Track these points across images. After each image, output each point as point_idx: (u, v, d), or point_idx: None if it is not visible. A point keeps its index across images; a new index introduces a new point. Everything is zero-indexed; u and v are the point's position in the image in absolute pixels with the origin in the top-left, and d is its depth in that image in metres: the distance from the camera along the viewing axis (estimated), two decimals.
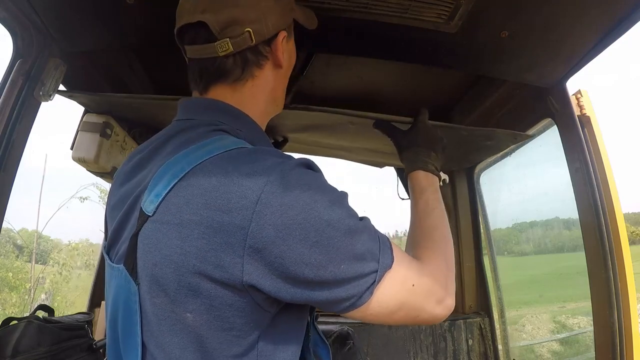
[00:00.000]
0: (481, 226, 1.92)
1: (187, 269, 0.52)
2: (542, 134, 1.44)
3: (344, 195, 0.61)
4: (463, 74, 1.58)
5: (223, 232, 0.51)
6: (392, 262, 0.60)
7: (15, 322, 0.90)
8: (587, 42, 1.07)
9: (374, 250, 0.59)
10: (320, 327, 1.64)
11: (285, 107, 1.09)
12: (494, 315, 1.84)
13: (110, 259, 0.64)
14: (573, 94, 1.24)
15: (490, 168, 1.86)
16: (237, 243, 0.51)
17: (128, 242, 0.57)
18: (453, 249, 0.76)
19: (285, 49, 0.73)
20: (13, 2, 0.92)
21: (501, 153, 1.72)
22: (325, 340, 0.74)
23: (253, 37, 0.66)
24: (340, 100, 1.75)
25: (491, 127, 1.67)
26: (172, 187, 0.54)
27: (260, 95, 0.71)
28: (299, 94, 1.65)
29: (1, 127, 0.95)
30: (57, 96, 1.08)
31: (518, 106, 1.47)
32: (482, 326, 1.81)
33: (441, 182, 0.93)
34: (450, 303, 0.66)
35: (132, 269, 0.57)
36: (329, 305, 0.58)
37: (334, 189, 0.60)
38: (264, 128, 0.76)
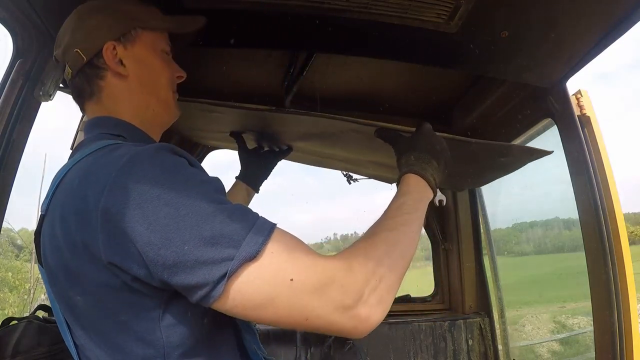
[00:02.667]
0: (481, 226, 1.92)
1: (69, 255, 0.59)
2: (542, 134, 1.44)
3: (206, 178, 0.60)
4: (463, 74, 1.58)
5: (84, 216, 0.57)
6: (259, 251, 0.53)
7: (15, 322, 0.90)
8: (587, 42, 1.07)
9: (234, 235, 0.53)
10: None
11: (286, 111, 1.09)
12: (494, 315, 1.85)
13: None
14: (573, 94, 1.24)
15: None
16: (94, 224, 0.55)
17: (34, 241, 0.69)
18: (405, 261, 0.64)
19: (127, 56, 0.77)
20: (13, 2, 0.92)
21: None
22: (251, 325, 0.72)
23: (82, 54, 0.74)
24: (340, 101, 1.76)
25: (491, 126, 1.67)
26: (56, 187, 0.64)
27: (121, 102, 0.77)
28: (299, 94, 1.65)
29: (1, 127, 0.95)
30: (57, 96, 1.08)
31: (518, 106, 1.47)
32: (482, 326, 1.81)
33: (437, 202, 0.82)
34: (364, 314, 0.56)
35: (40, 260, 0.67)
36: (185, 291, 0.55)
37: (192, 172, 0.59)
38: (155, 132, 0.82)
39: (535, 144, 1.53)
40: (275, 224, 0.58)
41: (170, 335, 0.60)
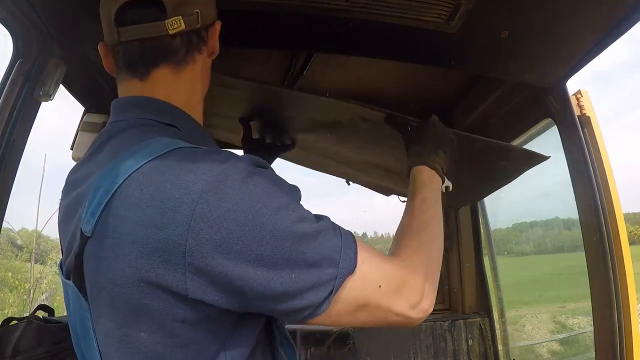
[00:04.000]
0: (481, 226, 1.92)
1: (132, 291, 0.50)
2: (542, 134, 1.44)
3: (293, 195, 0.57)
4: (463, 74, 1.58)
5: (161, 249, 0.49)
6: (355, 265, 0.56)
7: (15, 322, 0.90)
8: (587, 42, 1.07)
9: (333, 254, 0.55)
10: (320, 327, 1.65)
11: (297, 92, 1.07)
12: (494, 316, 1.85)
13: (63, 273, 0.62)
14: (573, 94, 1.24)
15: None
16: (177, 260, 0.49)
17: (74, 261, 0.56)
18: (441, 252, 0.72)
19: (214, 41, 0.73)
20: (13, 2, 0.92)
21: None
22: (290, 340, 0.70)
23: (199, 19, 0.66)
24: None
25: (491, 126, 1.67)
26: (106, 204, 0.52)
27: (197, 83, 0.71)
28: None
29: (1, 127, 0.95)
30: (57, 96, 1.08)
31: (518, 106, 1.47)
32: (482, 326, 1.81)
33: (444, 188, 0.88)
34: (426, 307, 0.63)
35: (81, 287, 0.56)
36: (287, 315, 0.55)
37: (282, 190, 0.55)
38: (201, 123, 0.73)
39: (535, 143, 1.53)
40: (352, 233, 0.60)
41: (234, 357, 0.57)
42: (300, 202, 0.57)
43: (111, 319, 0.53)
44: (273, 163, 1.31)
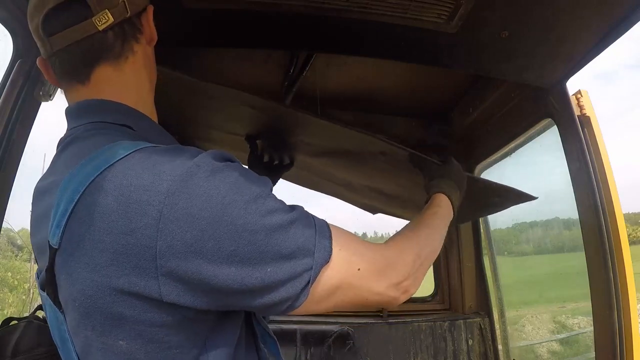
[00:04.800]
0: (481, 226, 1.92)
1: (105, 300, 0.49)
2: (542, 134, 1.44)
3: (263, 187, 0.54)
4: (463, 74, 1.58)
5: (131, 255, 0.47)
6: (331, 253, 0.55)
7: (15, 322, 0.90)
8: (587, 42, 1.07)
9: (307, 244, 0.54)
10: (320, 327, 1.65)
11: (319, 118, 1.05)
12: (494, 316, 1.84)
13: (38, 284, 0.60)
14: (573, 94, 1.24)
15: (491, 168, 1.86)
16: (148, 265, 0.47)
17: (45, 275, 0.54)
18: (435, 254, 0.77)
19: (151, 26, 0.69)
20: (13, 2, 0.92)
21: (501, 153, 1.73)
22: (272, 334, 0.70)
23: (127, 7, 0.62)
24: (340, 101, 1.76)
25: (491, 126, 1.67)
26: (71, 213, 0.50)
27: (142, 74, 0.67)
28: (299, 94, 1.65)
29: (1, 127, 0.95)
30: (57, 96, 1.08)
31: (518, 106, 1.47)
32: (482, 326, 1.81)
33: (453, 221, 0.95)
34: (408, 286, 0.65)
35: (55, 299, 0.54)
36: (265, 309, 0.54)
37: (251, 182, 0.53)
38: (154, 119, 0.70)
39: (535, 144, 1.53)
40: (326, 221, 0.60)
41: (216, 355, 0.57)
42: (272, 193, 0.56)
43: (89, 328, 0.52)
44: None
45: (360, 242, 0.62)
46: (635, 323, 1.07)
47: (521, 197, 1.26)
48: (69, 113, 0.64)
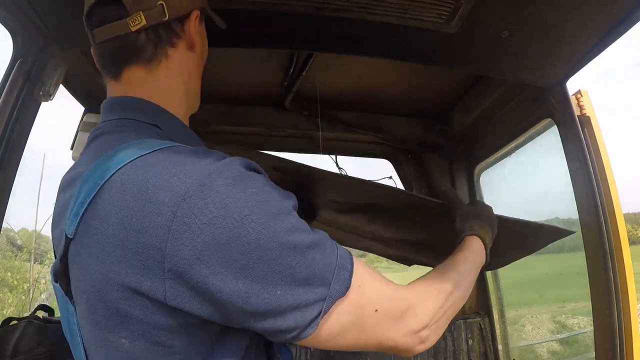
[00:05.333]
0: None
1: (112, 295, 0.48)
2: (542, 134, 1.44)
3: (286, 203, 0.52)
4: (463, 74, 1.58)
5: (140, 254, 0.46)
6: (349, 286, 0.52)
7: (15, 322, 0.90)
8: (587, 42, 1.07)
9: (325, 273, 0.50)
10: None
11: (344, 176, 1.05)
12: (494, 316, 1.84)
13: (52, 276, 0.60)
14: (573, 94, 1.24)
15: (490, 168, 1.87)
16: (156, 266, 0.46)
17: (59, 264, 0.54)
18: (461, 303, 0.73)
19: (199, 32, 0.68)
20: (13, 2, 0.92)
21: (501, 153, 1.73)
22: (289, 346, 0.68)
23: (166, 11, 0.62)
24: (340, 101, 1.76)
25: (491, 126, 1.67)
26: (88, 205, 0.50)
27: (176, 79, 0.66)
28: (299, 94, 1.65)
29: (1, 127, 0.95)
30: (57, 96, 1.08)
31: (518, 106, 1.47)
32: (482, 326, 1.81)
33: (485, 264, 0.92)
34: (427, 336, 0.60)
35: (67, 290, 0.54)
36: (269, 335, 0.51)
37: (274, 197, 0.51)
38: (186, 123, 0.70)
39: (535, 144, 1.53)
40: (350, 253, 0.56)
41: None
42: (294, 211, 0.53)
43: (93, 323, 0.52)
44: None
45: (382, 281, 0.58)
46: (635, 323, 1.07)
47: (557, 232, 1.18)
48: (103, 107, 0.65)
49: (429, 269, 0.78)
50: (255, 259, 0.47)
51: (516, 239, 1.21)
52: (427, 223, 1.25)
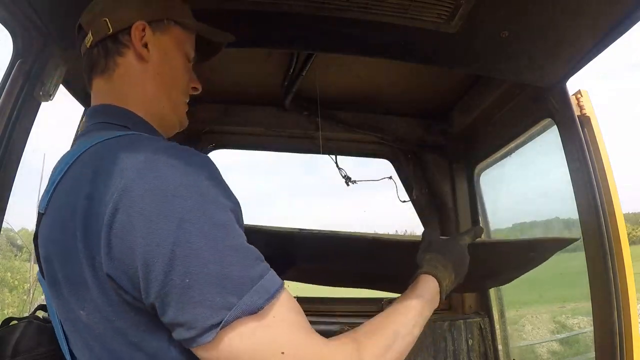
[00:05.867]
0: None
1: (71, 264, 0.51)
2: (542, 134, 1.44)
3: (227, 203, 0.51)
4: (463, 74, 1.58)
5: (91, 220, 0.49)
6: (262, 307, 0.48)
7: (15, 322, 0.90)
8: (587, 42, 1.07)
9: (242, 281, 0.48)
10: (320, 327, 1.64)
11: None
12: (494, 315, 1.84)
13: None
14: (573, 94, 1.24)
15: (490, 168, 1.87)
16: (98, 228, 0.49)
17: (34, 244, 0.59)
18: (402, 354, 0.62)
19: (154, 43, 0.71)
20: (13, 2, 0.92)
21: (501, 153, 1.73)
22: None
23: (110, 25, 0.69)
24: (341, 101, 1.76)
25: (491, 126, 1.67)
26: (58, 183, 0.56)
27: (132, 86, 0.70)
28: (299, 94, 1.65)
29: (1, 127, 0.95)
30: (57, 96, 1.08)
31: (518, 106, 1.47)
32: (482, 326, 1.81)
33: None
34: None
35: (40, 268, 0.58)
36: (171, 327, 0.49)
37: (218, 191, 0.51)
38: (162, 128, 0.74)
39: (535, 144, 1.53)
40: (283, 283, 0.52)
41: (185, 352, 0.52)
42: (238, 221, 0.52)
43: (59, 296, 0.54)
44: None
45: (302, 327, 0.52)
46: (635, 323, 1.07)
47: (561, 242, 1.07)
48: (86, 115, 0.73)
49: None
50: (173, 238, 0.47)
51: (517, 259, 1.15)
52: (401, 258, 1.18)
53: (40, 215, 0.57)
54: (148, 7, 0.73)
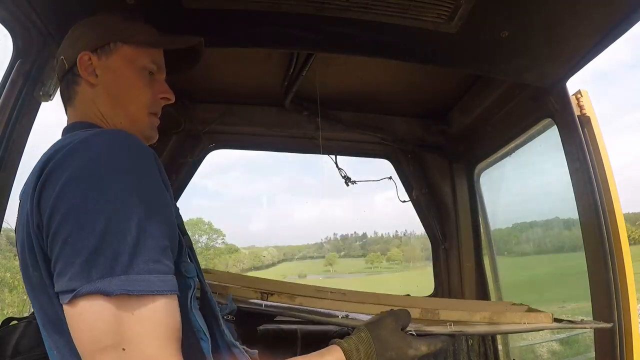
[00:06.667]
0: (481, 226, 1.92)
1: (26, 234, 0.59)
2: (542, 134, 1.44)
3: (133, 179, 0.58)
4: (463, 74, 1.58)
5: (33, 184, 0.58)
6: (118, 293, 0.50)
7: (15, 322, 0.90)
8: (587, 42, 1.07)
9: (117, 262, 0.51)
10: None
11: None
12: None
13: None
14: (573, 94, 1.25)
15: (490, 168, 1.87)
16: (32, 188, 0.58)
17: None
18: None
19: (100, 66, 0.79)
20: (13, 2, 0.92)
21: (501, 153, 1.73)
22: (206, 334, 0.66)
23: (65, 62, 0.79)
24: (340, 101, 1.76)
25: (491, 126, 1.67)
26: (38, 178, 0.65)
27: (89, 108, 0.79)
28: (299, 94, 1.65)
29: (1, 127, 0.96)
30: (57, 96, 1.09)
31: (518, 106, 1.47)
32: None
33: None
34: None
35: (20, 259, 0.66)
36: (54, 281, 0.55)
37: (134, 178, 0.58)
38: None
39: (535, 144, 1.53)
40: (174, 294, 0.56)
41: None
42: (151, 203, 0.58)
43: (23, 267, 0.63)
44: None
45: (165, 343, 0.53)
46: (635, 323, 1.07)
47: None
48: (62, 132, 0.82)
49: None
50: (73, 199, 0.54)
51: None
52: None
53: (18, 204, 0.67)
54: (91, 37, 0.80)
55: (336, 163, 1.90)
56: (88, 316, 0.51)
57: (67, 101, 0.81)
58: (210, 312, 0.74)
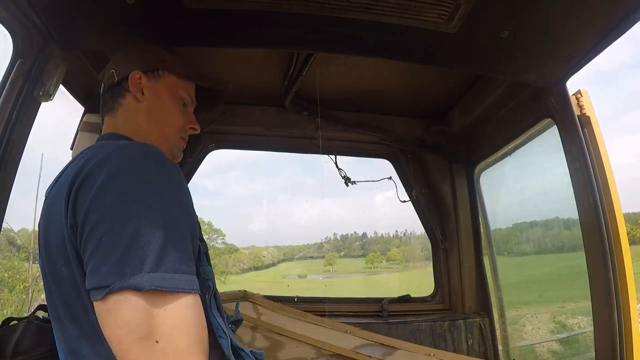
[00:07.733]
0: (481, 226, 1.92)
1: (61, 233, 0.62)
2: (542, 134, 1.44)
3: (171, 196, 0.61)
4: (463, 74, 1.59)
5: (67, 189, 0.62)
6: (150, 288, 0.54)
7: (15, 322, 0.90)
8: (587, 42, 1.07)
9: (148, 256, 0.55)
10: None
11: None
12: (494, 315, 1.84)
13: None
14: (573, 94, 1.24)
15: (490, 168, 1.87)
16: (67, 193, 0.62)
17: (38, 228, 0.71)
18: None
19: (148, 87, 0.88)
20: (13, 2, 0.92)
21: (501, 153, 1.73)
22: (226, 332, 0.70)
23: (115, 75, 0.88)
24: (341, 101, 1.76)
25: (491, 126, 1.67)
26: (62, 172, 0.71)
27: (129, 120, 0.87)
28: (299, 94, 1.65)
29: (1, 127, 0.95)
30: (57, 96, 1.08)
31: (518, 106, 1.47)
32: (482, 326, 1.81)
33: None
34: None
35: (41, 256, 0.69)
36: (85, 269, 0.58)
37: (165, 185, 0.62)
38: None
39: (535, 144, 1.53)
40: (198, 293, 0.59)
41: None
42: (185, 230, 0.61)
43: (48, 261, 0.66)
44: None
45: (195, 342, 0.57)
46: (635, 323, 1.07)
47: None
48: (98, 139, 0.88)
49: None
50: (108, 204, 0.58)
51: None
52: None
53: (45, 200, 0.70)
54: (144, 60, 0.90)
55: (336, 163, 1.90)
56: (122, 311, 0.54)
57: (108, 110, 0.88)
58: (219, 316, 0.75)
